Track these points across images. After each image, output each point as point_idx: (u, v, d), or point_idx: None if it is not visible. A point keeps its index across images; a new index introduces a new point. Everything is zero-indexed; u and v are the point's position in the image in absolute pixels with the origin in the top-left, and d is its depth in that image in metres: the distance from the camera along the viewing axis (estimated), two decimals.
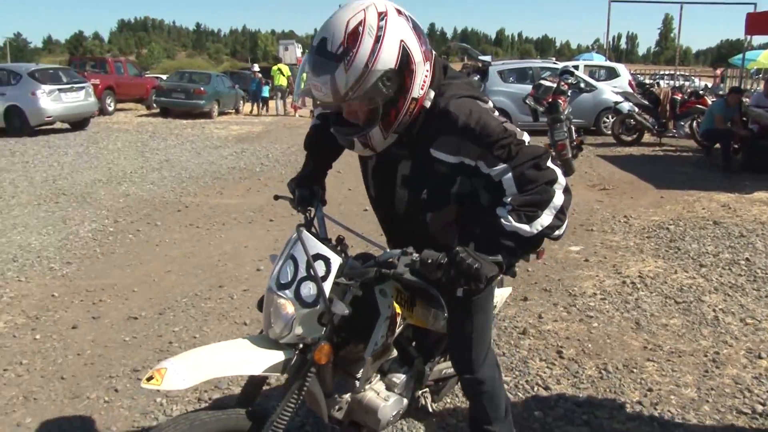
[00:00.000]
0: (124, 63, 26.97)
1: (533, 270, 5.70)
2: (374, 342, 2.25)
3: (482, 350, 2.47)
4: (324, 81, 1.85)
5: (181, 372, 1.89)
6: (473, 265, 1.82)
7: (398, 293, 2.34)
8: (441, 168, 2.07)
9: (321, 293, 2.03)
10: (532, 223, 1.94)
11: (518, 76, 16.21)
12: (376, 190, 2.35)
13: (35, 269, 6.01)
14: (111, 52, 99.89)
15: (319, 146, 2.51)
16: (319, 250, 2.10)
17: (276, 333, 2.10)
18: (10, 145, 14.58)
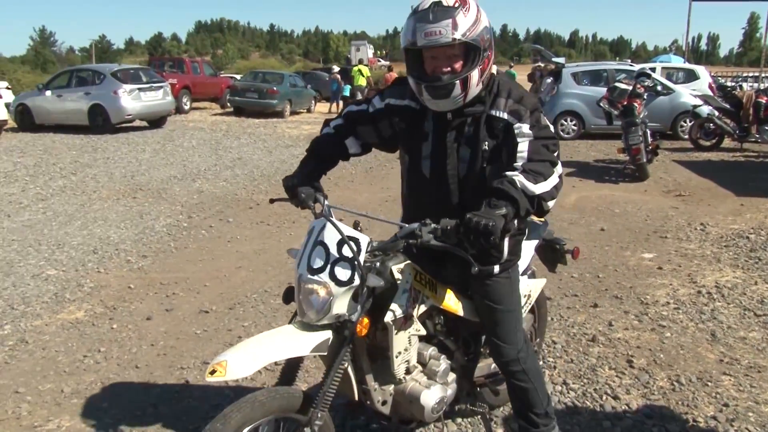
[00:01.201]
0: (200, 63, 27.67)
1: (603, 276, 5.57)
2: (394, 309, 2.38)
3: (513, 333, 2.66)
4: (446, 24, 2.25)
5: (240, 362, 2.08)
6: (487, 222, 2.05)
7: (417, 274, 2.49)
8: (498, 125, 2.43)
9: (355, 269, 2.22)
10: (537, 185, 2.27)
11: (592, 78, 15.85)
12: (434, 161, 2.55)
13: (113, 261, 6.23)
14: (188, 53, 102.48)
15: (325, 152, 2.70)
16: (348, 232, 2.27)
17: (312, 317, 2.27)
18: (92, 142, 15.18)
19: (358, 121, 2.67)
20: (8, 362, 4.15)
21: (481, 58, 2.35)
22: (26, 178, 10.70)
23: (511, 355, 2.65)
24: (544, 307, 3.64)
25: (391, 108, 2.63)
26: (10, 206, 8.66)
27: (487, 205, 2.17)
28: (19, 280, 5.68)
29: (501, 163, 2.40)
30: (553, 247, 3.38)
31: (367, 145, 2.73)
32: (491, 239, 2.06)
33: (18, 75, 39.61)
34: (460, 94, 2.37)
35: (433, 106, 2.46)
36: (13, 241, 6.91)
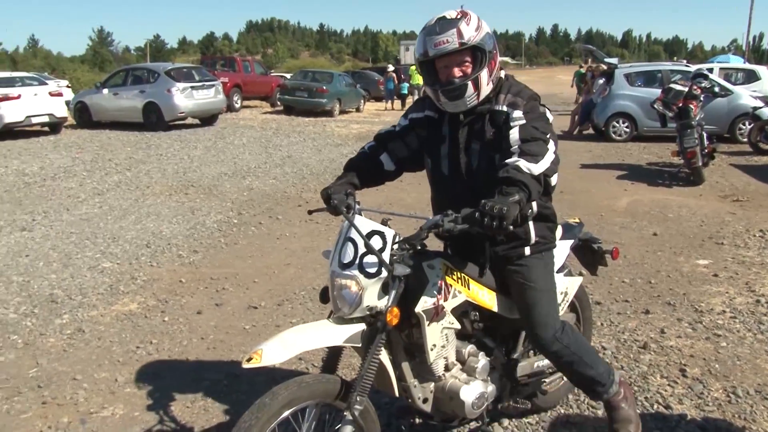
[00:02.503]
0: (251, 62, 28.06)
1: (656, 282, 5.46)
2: (424, 301, 2.48)
3: (547, 314, 2.73)
4: (451, 33, 2.50)
5: (275, 350, 2.21)
6: (501, 207, 2.14)
7: (448, 269, 2.61)
8: (500, 117, 2.61)
9: (382, 262, 2.32)
10: (538, 164, 2.40)
11: (646, 79, 15.52)
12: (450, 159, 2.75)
13: (165, 255, 6.36)
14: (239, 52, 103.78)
15: (360, 169, 2.87)
16: (374, 227, 2.40)
17: (346, 311, 2.38)
18: (146, 139, 15.52)
19: (389, 140, 2.92)
20: (66, 350, 4.27)
21: (487, 60, 2.58)
22: (84, 173, 11.01)
23: (548, 337, 2.72)
24: (589, 310, 3.59)
25: (414, 121, 2.89)
26: (68, 200, 8.92)
27: (499, 193, 2.29)
28: (76, 271, 5.84)
29: (503, 151, 2.54)
30: (591, 247, 3.37)
31: (400, 163, 2.91)
32: (504, 223, 2.15)
33: (77, 74, 40.82)
34: (473, 94, 2.60)
35: (451, 108, 2.68)
36: (72, 234, 7.11)
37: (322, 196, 2.73)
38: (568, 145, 14.00)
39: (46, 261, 6.16)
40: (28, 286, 5.48)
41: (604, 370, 2.88)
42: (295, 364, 3.96)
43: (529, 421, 3.32)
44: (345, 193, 2.71)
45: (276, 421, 2.18)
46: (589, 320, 3.62)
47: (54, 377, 3.89)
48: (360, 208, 2.64)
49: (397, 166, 2.92)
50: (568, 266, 3.27)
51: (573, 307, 3.37)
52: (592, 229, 7.02)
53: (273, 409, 2.17)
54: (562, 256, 3.14)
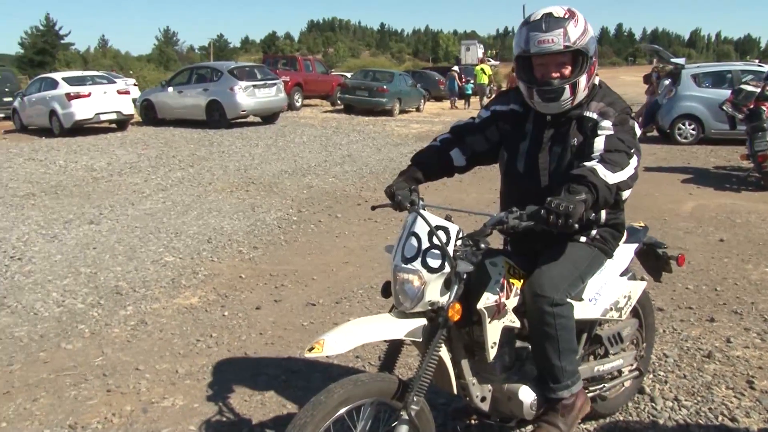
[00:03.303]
0: (312, 61, 28.33)
1: (722, 290, 5.28)
2: (486, 297, 2.48)
3: (560, 283, 2.59)
4: (557, 33, 2.48)
5: (337, 340, 2.22)
6: (567, 205, 2.15)
7: (510, 267, 2.63)
8: (588, 124, 2.59)
9: (445, 257, 2.32)
10: (615, 174, 2.36)
11: (715, 79, 15.02)
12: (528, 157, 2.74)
13: (226, 251, 6.48)
14: (300, 51, 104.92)
15: (426, 162, 2.86)
16: (438, 222, 2.39)
17: (408, 305, 2.38)
18: (209, 136, 15.84)
19: (466, 132, 2.88)
20: (130, 341, 4.40)
21: (588, 65, 2.56)
22: (149, 169, 11.32)
23: (547, 297, 2.53)
24: (652, 316, 3.51)
25: (497, 114, 2.85)
26: (134, 195, 9.19)
27: (567, 191, 2.27)
28: (140, 264, 6.00)
29: (584, 157, 2.50)
30: (655, 252, 3.29)
31: (473, 158, 2.88)
32: (570, 221, 2.15)
33: (144, 72, 41.92)
34: (568, 98, 2.58)
35: (543, 109, 2.66)
36: (136, 228, 7.31)
37: (386, 194, 2.73)
38: None
39: (112, 254, 6.35)
40: (95, 277, 5.66)
41: (571, 372, 2.67)
42: (351, 361, 3.99)
43: (587, 427, 3.26)
44: (409, 189, 2.70)
45: (331, 419, 2.19)
46: (652, 326, 3.54)
47: (118, 366, 4.01)
48: (423, 204, 2.63)
49: (468, 162, 2.89)
50: (632, 270, 3.21)
51: (636, 313, 3.29)
52: (655, 233, 6.85)
53: (328, 407, 2.17)
54: (626, 259, 3.10)
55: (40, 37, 74.93)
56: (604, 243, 2.81)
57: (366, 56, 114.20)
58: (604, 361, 3.07)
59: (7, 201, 8.90)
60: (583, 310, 2.78)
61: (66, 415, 3.46)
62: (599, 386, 3.07)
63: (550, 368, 2.63)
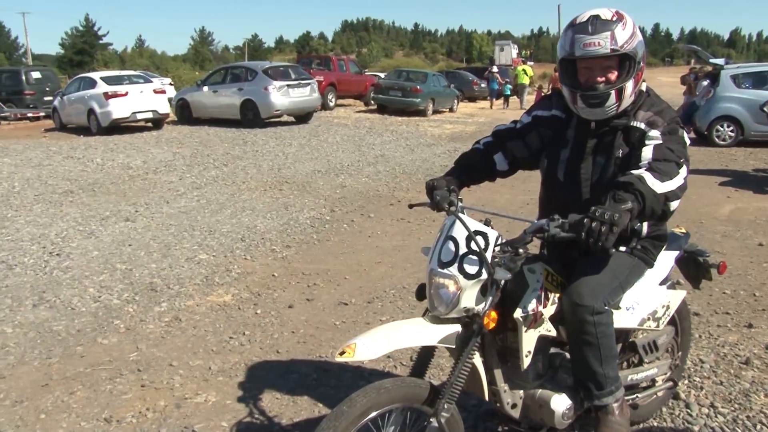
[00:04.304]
0: (346, 61, 28.41)
1: (761, 295, 5.18)
2: (523, 306, 2.42)
3: (602, 293, 2.50)
4: (605, 36, 2.39)
5: (369, 345, 2.17)
6: (612, 214, 2.08)
7: (549, 275, 2.56)
8: (635, 134, 2.52)
9: (483, 263, 2.27)
10: (664, 183, 2.29)
11: (755, 80, 14.71)
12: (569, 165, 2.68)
13: (259, 250, 6.53)
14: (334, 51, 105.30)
15: (470, 164, 2.80)
16: (477, 227, 2.34)
17: (442, 310, 2.33)
18: (243, 135, 15.99)
19: (508, 137, 2.81)
20: (164, 337, 4.46)
21: (635, 70, 2.48)
22: (183, 168, 11.46)
23: (587, 306, 2.45)
24: (688, 321, 3.42)
25: (538, 119, 2.78)
26: (168, 193, 9.31)
27: (612, 199, 2.20)
28: (174, 262, 6.08)
29: (631, 167, 2.42)
30: (696, 260, 3.20)
31: (515, 162, 2.82)
32: (615, 229, 2.08)
33: (179, 72, 42.44)
34: (614, 104, 2.50)
35: (587, 115, 2.57)
36: (171, 226, 7.41)
37: (427, 187, 2.67)
38: None
39: (147, 251, 6.45)
40: (131, 274, 5.75)
41: (613, 378, 2.60)
42: (383, 362, 3.99)
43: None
44: (448, 189, 2.62)
45: (354, 428, 2.16)
46: (688, 335, 3.47)
47: (152, 362, 4.07)
48: (462, 206, 2.57)
49: (510, 166, 2.84)
50: (671, 279, 3.14)
51: (672, 320, 3.22)
52: (691, 237, 6.75)
53: (351, 416, 2.15)
54: (666, 267, 3.02)
55: (80, 37, 76.52)
56: (645, 253, 2.73)
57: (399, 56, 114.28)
58: (638, 370, 3.00)
59: (47, 198, 9.08)
60: (620, 319, 2.71)
61: (101, 408, 3.52)
62: (632, 396, 2.99)
63: (593, 375, 2.56)
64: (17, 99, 23.66)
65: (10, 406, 3.56)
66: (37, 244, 6.73)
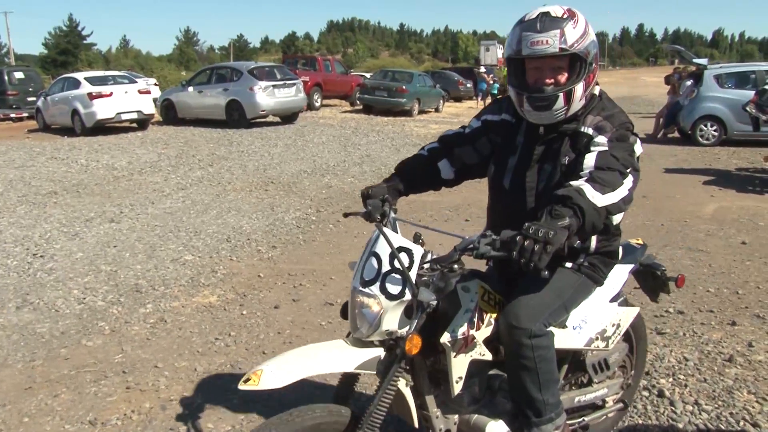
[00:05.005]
0: (331, 61, 28.39)
1: (744, 293, 5.22)
2: (452, 329, 2.24)
3: (539, 313, 2.32)
4: (553, 34, 2.24)
5: (276, 372, 2.01)
6: (546, 232, 1.89)
7: (486, 293, 2.37)
8: (582, 140, 2.36)
9: (406, 283, 2.09)
10: (605, 195, 2.12)
11: (738, 80, 14.85)
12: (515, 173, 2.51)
13: (245, 250, 6.51)
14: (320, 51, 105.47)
15: (411, 172, 2.67)
16: (402, 243, 2.17)
17: (363, 332, 2.15)
18: (229, 136, 15.94)
19: (455, 143, 2.65)
20: (149, 338, 4.44)
21: (586, 72, 2.33)
22: (168, 168, 11.41)
23: (524, 327, 2.26)
24: (644, 338, 3.23)
25: (487, 124, 2.62)
26: (154, 194, 9.26)
27: (549, 214, 2.02)
28: (160, 263, 6.05)
29: (573, 176, 2.24)
30: (653, 273, 3.06)
31: (463, 170, 2.66)
32: (549, 248, 1.88)
33: (164, 72, 42.29)
34: (562, 108, 2.34)
35: (534, 119, 2.42)
36: (156, 227, 7.37)
37: (362, 195, 2.53)
38: (652, 148, 13.58)
39: (132, 252, 6.41)
40: (115, 275, 5.71)
41: (553, 405, 2.39)
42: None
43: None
44: (382, 199, 2.47)
45: None
46: (644, 349, 3.27)
47: (137, 364, 4.04)
48: (395, 218, 2.44)
49: (457, 175, 2.67)
50: (624, 294, 2.95)
51: (627, 337, 3.04)
52: (675, 236, 6.83)
53: None
54: (619, 283, 2.82)
55: (63, 37, 75.98)
56: (593, 270, 2.54)
57: (385, 56, 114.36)
58: (587, 391, 2.82)
59: (30, 199, 9.01)
60: (566, 339, 2.53)
61: (86, 411, 3.50)
62: (579, 419, 2.83)
63: (531, 402, 2.36)
64: (0, 99, 23.46)
65: None
66: (21, 245, 6.68)
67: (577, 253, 2.49)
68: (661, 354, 4.09)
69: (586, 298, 2.57)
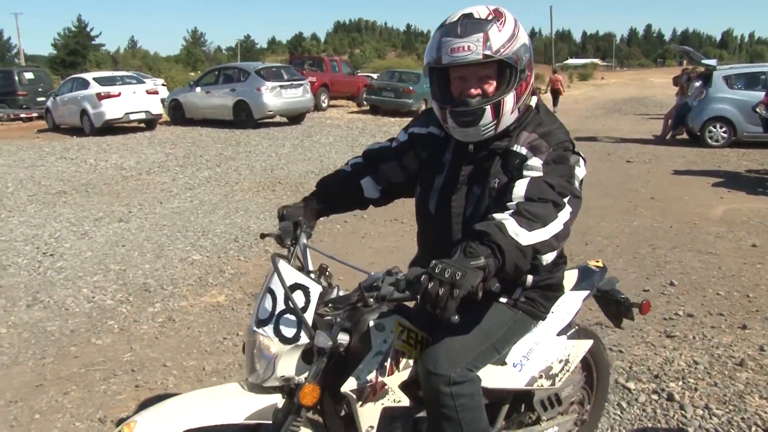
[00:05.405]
0: (338, 62, 28.42)
1: (754, 296, 5.19)
2: (358, 375, 1.97)
3: (459, 357, 2.05)
4: (475, 39, 1.95)
5: (151, 425, 1.78)
6: (455, 272, 1.63)
7: (405, 332, 2.08)
8: (514, 161, 2.07)
9: (301, 325, 1.85)
10: (532, 232, 1.84)
11: (748, 81, 14.75)
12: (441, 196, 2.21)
13: (253, 250, 6.52)
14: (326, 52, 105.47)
15: (331, 191, 2.39)
16: (297, 280, 1.93)
17: (259, 376, 1.91)
18: (236, 136, 15.97)
19: (381, 159, 2.35)
20: (158, 337, 4.45)
21: (517, 81, 2.03)
22: (176, 168, 11.44)
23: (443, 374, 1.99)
24: (605, 367, 2.90)
25: (414, 138, 2.32)
26: (162, 194, 9.29)
27: (463, 252, 1.75)
28: (168, 262, 6.06)
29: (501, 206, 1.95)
30: (616, 299, 2.78)
31: (389, 189, 2.38)
32: (456, 292, 1.62)
33: (172, 73, 42.33)
34: (490, 123, 2.04)
35: (460, 136, 2.12)
36: (164, 226, 7.39)
37: (278, 216, 2.32)
38: (661, 150, 13.55)
39: (141, 251, 6.43)
40: (124, 274, 5.73)
41: None
42: None
43: None
44: (295, 222, 2.25)
45: None
46: (605, 384, 2.94)
47: (146, 362, 4.06)
48: (306, 244, 2.21)
49: (383, 194, 2.38)
50: (576, 326, 2.62)
51: (586, 366, 2.78)
52: (684, 238, 6.80)
53: None
54: (569, 313, 2.51)
55: (72, 38, 76.32)
56: (532, 305, 2.25)
57: (392, 57, 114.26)
58: (533, 430, 2.51)
59: (40, 198, 9.05)
60: (503, 378, 2.25)
61: (96, 408, 3.51)
62: None
63: None
64: (10, 100, 23.66)
65: (5, 406, 3.55)
66: (31, 244, 6.71)
67: (513, 286, 2.20)
68: (671, 357, 4.07)
69: (523, 335, 2.30)
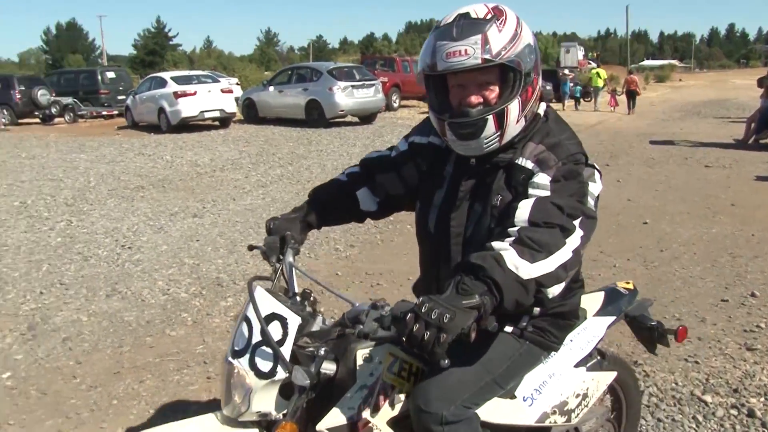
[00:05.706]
0: (410, 62, 28.34)
1: None
2: (336, 414, 1.79)
3: (454, 394, 1.84)
4: (473, 41, 1.72)
5: None
6: (443, 315, 1.46)
7: (398, 362, 1.89)
8: (519, 176, 1.84)
9: (278, 360, 1.67)
10: (534, 264, 1.63)
11: None
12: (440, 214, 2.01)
13: (323, 249, 6.59)
14: (398, 52, 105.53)
15: (324, 204, 2.20)
16: (275, 309, 1.74)
17: (234, 410, 1.75)
18: (307, 135, 16.18)
19: (379, 168, 2.18)
20: (229, 331, 4.53)
21: (522, 86, 1.80)
22: (249, 166, 11.67)
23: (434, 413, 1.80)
24: (635, 394, 2.67)
25: (414, 147, 2.13)
26: (235, 191, 9.50)
27: (455, 289, 1.57)
28: (240, 258, 6.19)
29: (504, 228, 1.76)
30: (647, 326, 2.48)
31: (388, 202, 2.19)
32: (443, 337, 1.45)
33: (246, 72, 43.18)
34: (493, 134, 1.81)
35: (460, 150, 1.90)
36: (237, 222, 7.56)
37: (266, 229, 2.13)
38: (742, 154, 13.03)
39: (214, 246, 6.59)
40: (198, 268, 5.88)
41: None
42: None
43: None
44: (282, 237, 2.06)
45: None
46: (636, 415, 2.72)
47: (218, 355, 4.14)
48: (291, 264, 2.02)
49: (380, 206, 2.19)
50: (596, 356, 2.37)
51: (613, 393, 2.55)
52: (767, 247, 6.49)
53: None
54: (591, 341, 2.26)
55: (151, 39, 78.96)
56: (541, 335, 2.00)
57: None
58: None
59: (120, 193, 9.39)
60: (512, 413, 2.03)
61: (169, 398, 3.62)
62: None
63: None
64: (93, 98, 24.65)
65: (86, 390, 3.69)
66: (111, 237, 6.97)
67: (519, 314, 1.93)
68: (752, 371, 3.89)
69: (531, 368, 2.05)
